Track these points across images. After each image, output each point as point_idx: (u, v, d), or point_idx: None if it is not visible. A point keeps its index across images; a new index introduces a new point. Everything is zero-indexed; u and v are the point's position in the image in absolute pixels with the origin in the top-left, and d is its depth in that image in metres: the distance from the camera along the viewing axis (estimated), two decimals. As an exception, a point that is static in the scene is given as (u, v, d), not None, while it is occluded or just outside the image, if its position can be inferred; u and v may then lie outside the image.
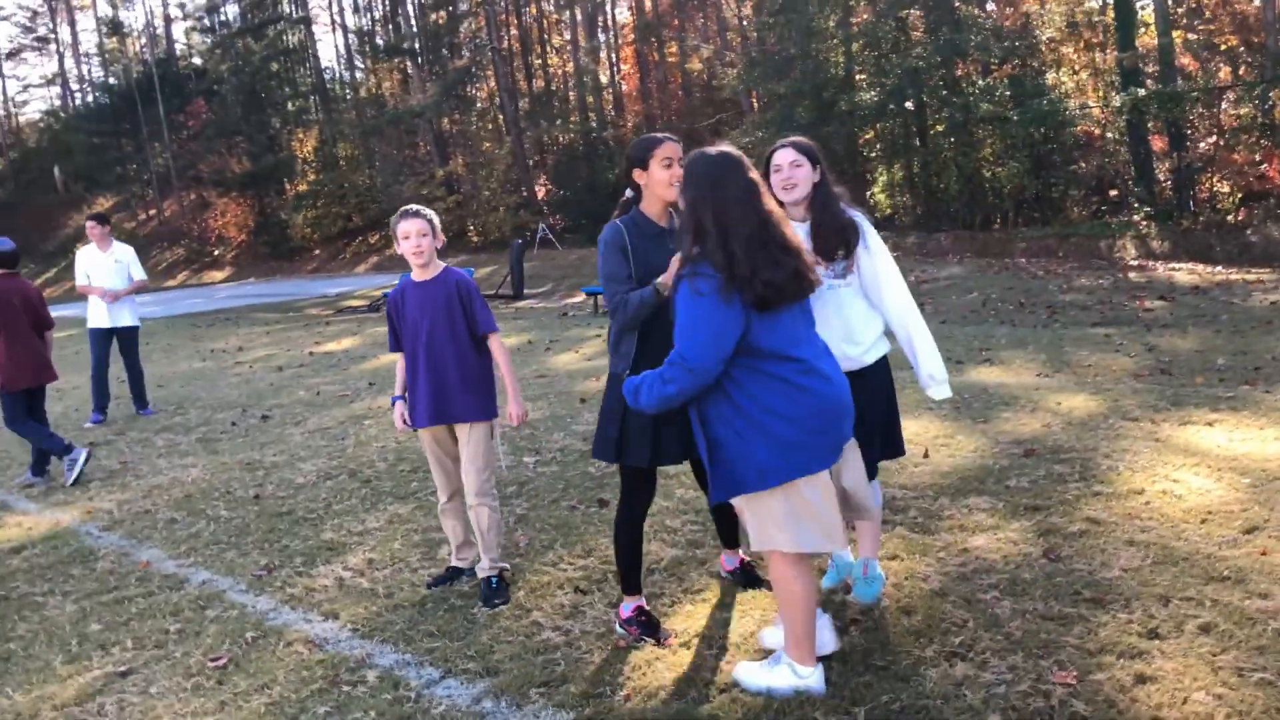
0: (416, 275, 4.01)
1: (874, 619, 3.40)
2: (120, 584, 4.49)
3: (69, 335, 16.29)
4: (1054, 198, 22.12)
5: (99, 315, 8.73)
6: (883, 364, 3.44)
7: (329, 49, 49.49)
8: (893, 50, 23.27)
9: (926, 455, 5.35)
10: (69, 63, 51.82)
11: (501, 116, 40.51)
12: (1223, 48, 23.10)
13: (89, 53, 51.99)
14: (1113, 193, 22.03)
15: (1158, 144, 21.78)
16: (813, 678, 2.90)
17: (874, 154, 25.14)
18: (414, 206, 4.06)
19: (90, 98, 51.64)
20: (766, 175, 3.38)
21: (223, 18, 44.75)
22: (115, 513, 5.72)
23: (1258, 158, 19.93)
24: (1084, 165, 21.88)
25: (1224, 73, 23.23)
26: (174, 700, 3.30)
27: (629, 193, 3.43)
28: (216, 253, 43.31)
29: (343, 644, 3.62)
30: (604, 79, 41.22)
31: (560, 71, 43.78)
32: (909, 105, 23.54)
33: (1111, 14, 22.61)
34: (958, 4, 22.67)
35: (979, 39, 21.87)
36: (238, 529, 5.19)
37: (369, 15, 42.63)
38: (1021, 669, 2.95)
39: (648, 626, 3.43)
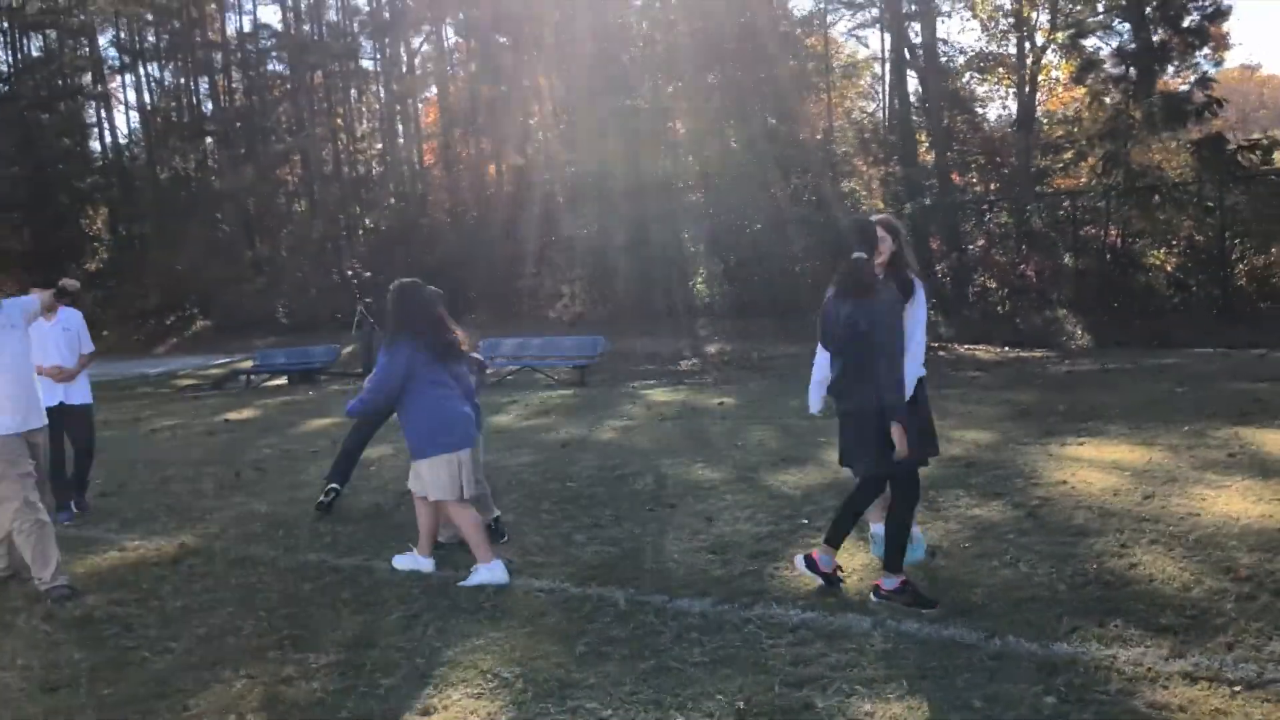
0: None
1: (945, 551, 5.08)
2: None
3: None
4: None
5: (49, 392, 7.13)
6: (919, 386, 4.86)
7: (125, 125, 47.68)
8: (716, 159, 25.96)
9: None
10: None
11: (306, 201, 40.87)
12: (973, 166, 27.17)
13: None
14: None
15: (934, 245, 25.38)
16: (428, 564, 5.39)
17: (694, 250, 27.62)
18: None
19: None
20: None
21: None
22: (245, 528, 6.62)
23: (1017, 260, 23.65)
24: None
25: (986, 187, 27.19)
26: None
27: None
28: (-11, 332, 40.66)
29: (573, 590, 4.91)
30: (407, 171, 42.43)
31: (365, 156, 44.68)
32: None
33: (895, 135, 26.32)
34: (772, 121, 25.73)
35: (784, 152, 24.90)
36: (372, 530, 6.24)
37: (178, 95, 42.04)
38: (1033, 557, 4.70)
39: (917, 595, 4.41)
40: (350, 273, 38.10)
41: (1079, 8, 26.75)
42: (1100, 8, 24.75)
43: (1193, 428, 8.00)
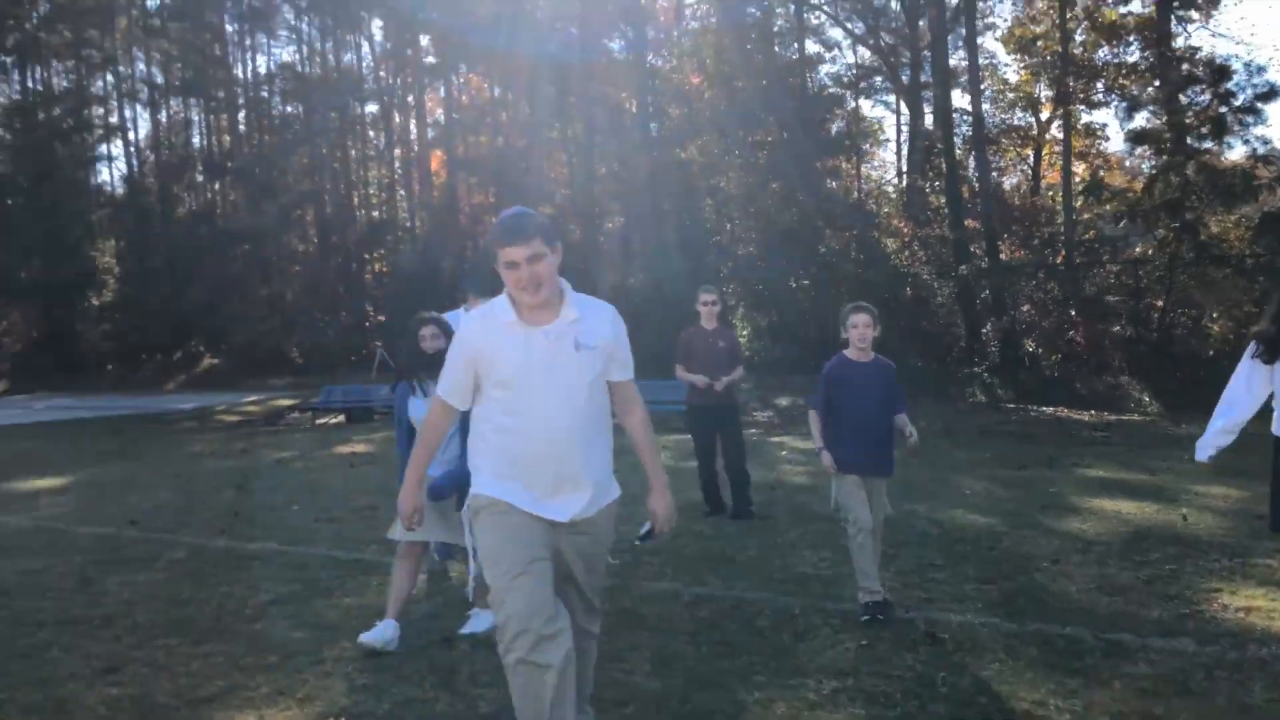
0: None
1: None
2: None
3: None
4: (895, 347, 25.37)
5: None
6: None
7: (136, 160, 47.01)
8: (761, 214, 26.15)
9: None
10: None
11: (318, 241, 40.57)
12: (1019, 235, 27.65)
13: None
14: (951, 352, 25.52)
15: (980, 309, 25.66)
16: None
17: (736, 303, 27.72)
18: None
19: None
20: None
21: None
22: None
23: (1065, 325, 23.97)
24: (927, 324, 25.34)
25: (1012, 253, 27.55)
26: (947, 660, 4.34)
27: None
28: (-13, 364, 39.67)
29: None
30: (421, 218, 42.25)
31: (379, 199, 44.54)
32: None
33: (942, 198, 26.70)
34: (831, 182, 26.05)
35: (839, 209, 25.18)
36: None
37: (201, 132, 41.80)
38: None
39: None
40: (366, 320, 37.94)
41: (1096, 85, 27.79)
42: (1144, 88, 25.65)
43: None
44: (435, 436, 3.34)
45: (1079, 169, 30.20)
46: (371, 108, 43.06)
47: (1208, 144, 23.44)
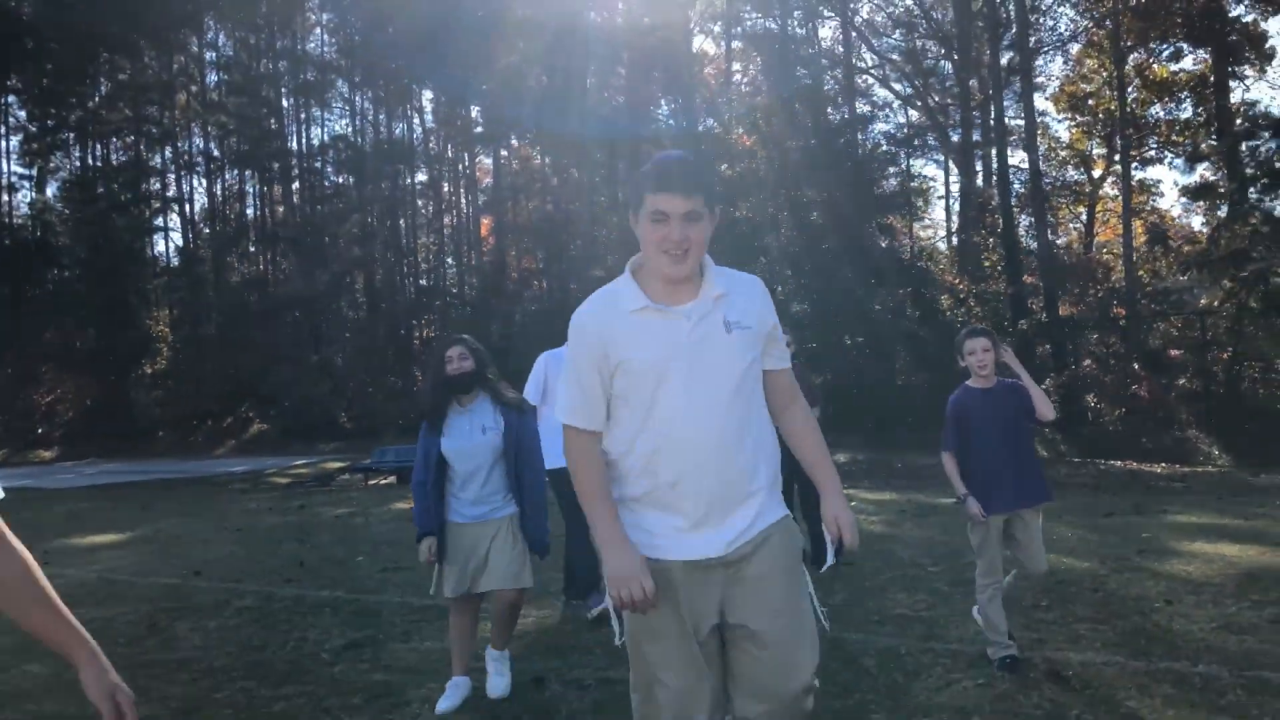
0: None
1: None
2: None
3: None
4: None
5: None
6: None
7: (191, 230, 48.05)
8: (814, 272, 25.99)
9: None
10: None
11: (367, 307, 40.96)
12: (1075, 291, 27.26)
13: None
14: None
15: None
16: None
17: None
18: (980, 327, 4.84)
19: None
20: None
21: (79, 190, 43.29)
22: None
23: (1127, 379, 23.45)
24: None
25: (1071, 308, 27.14)
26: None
27: None
28: (41, 430, 40.22)
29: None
30: (469, 284, 42.60)
31: (428, 266, 45.01)
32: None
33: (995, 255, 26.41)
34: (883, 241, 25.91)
35: (892, 267, 24.98)
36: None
37: (255, 202, 42.68)
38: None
39: None
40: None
41: (1148, 142, 27.59)
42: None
43: None
44: (596, 475, 2.40)
45: (1135, 225, 29.89)
46: (422, 176, 43.86)
47: (1270, 195, 23.03)
